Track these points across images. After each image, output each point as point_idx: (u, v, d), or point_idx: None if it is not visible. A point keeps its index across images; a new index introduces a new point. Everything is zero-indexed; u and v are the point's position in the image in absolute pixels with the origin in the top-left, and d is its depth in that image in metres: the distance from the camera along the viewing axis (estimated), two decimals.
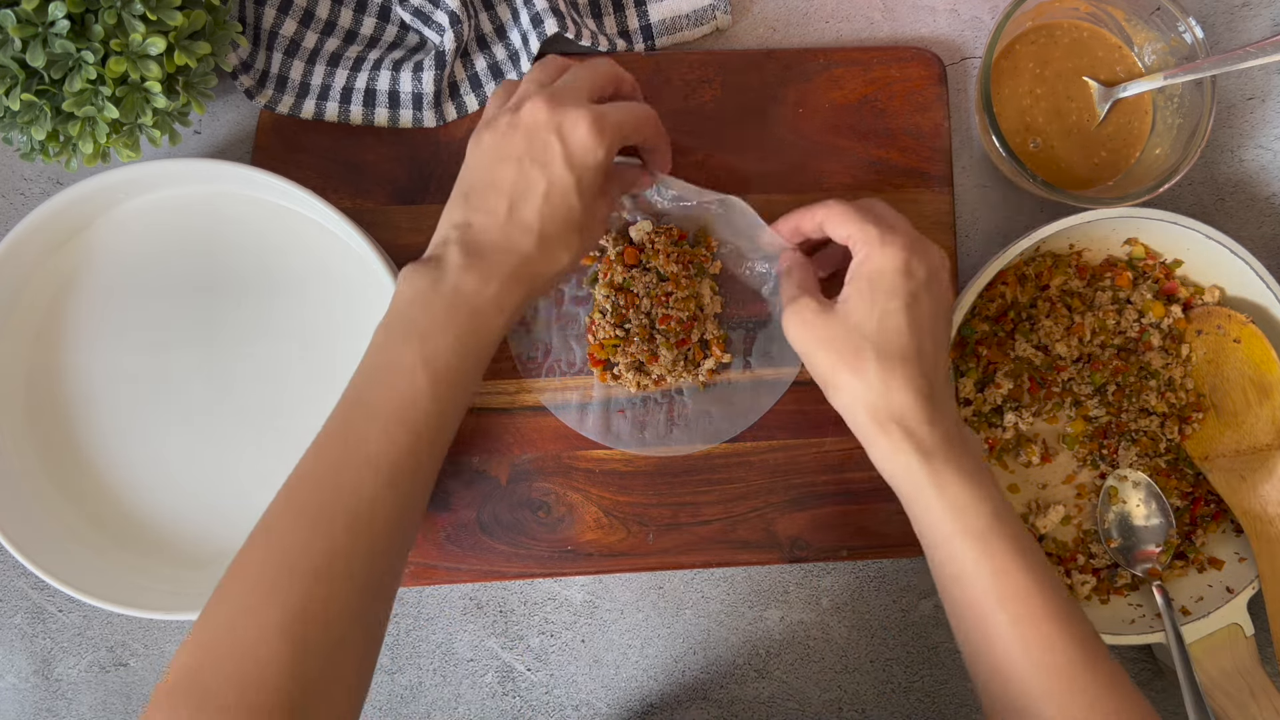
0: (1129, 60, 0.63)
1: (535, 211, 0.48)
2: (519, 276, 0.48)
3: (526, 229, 0.48)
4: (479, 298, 0.47)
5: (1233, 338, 0.60)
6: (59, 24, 0.49)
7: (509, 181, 0.49)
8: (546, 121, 0.48)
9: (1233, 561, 0.61)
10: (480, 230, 0.48)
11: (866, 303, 0.50)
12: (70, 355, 0.60)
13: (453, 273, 0.48)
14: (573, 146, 0.48)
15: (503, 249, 0.48)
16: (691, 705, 0.64)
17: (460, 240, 0.48)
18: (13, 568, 0.63)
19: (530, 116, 0.49)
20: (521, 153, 0.49)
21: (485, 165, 0.50)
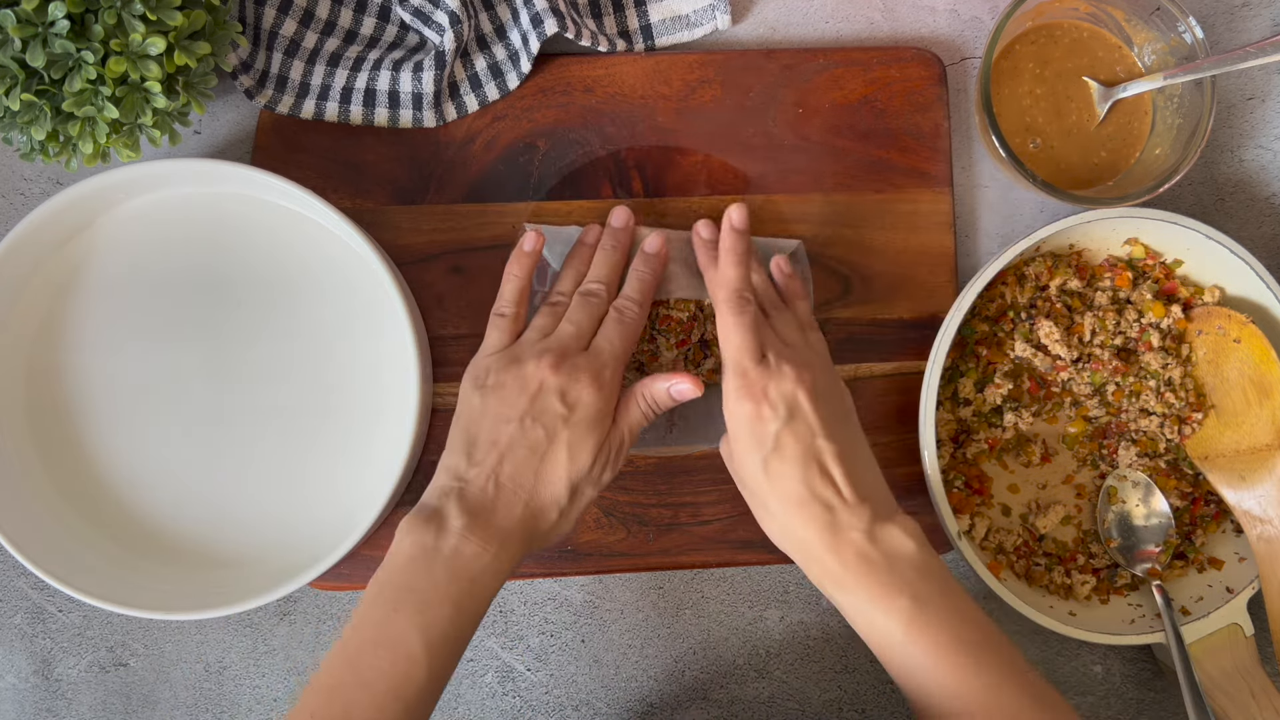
0: (1129, 60, 0.63)
1: (534, 474, 0.49)
2: (518, 539, 0.49)
3: (526, 489, 0.49)
4: (478, 564, 0.48)
5: (1233, 338, 0.60)
6: (59, 24, 0.49)
7: (509, 441, 0.49)
8: (551, 384, 0.50)
9: (1233, 561, 0.61)
10: (480, 490, 0.49)
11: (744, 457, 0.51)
12: (70, 355, 0.60)
13: (453, 535, 0.48)
14: (578, 411, 0.50)
15: (504, 512, 0.49)
16: (691, 705, 0.64)
17: (460, 497, 0.49)
18: (13, 568, 0.63)
19: (533, 377, 0.50)
20: (522, 411, 0.50)
21: (484, 419, 0.51)
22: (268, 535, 0.60)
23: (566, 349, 0.52)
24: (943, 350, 0.58)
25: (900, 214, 0.63)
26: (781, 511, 0.50)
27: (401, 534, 0.49)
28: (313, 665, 0.64)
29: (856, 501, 0.49)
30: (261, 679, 0.64)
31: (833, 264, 0.63)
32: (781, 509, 0.50)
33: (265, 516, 0.60)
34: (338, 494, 0.60)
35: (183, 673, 0.64)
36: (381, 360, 0.60)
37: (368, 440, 0.60)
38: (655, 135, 0.63)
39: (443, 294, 0.62)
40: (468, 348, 0.62)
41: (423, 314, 0.62)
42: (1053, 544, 0.63)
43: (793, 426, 0.50)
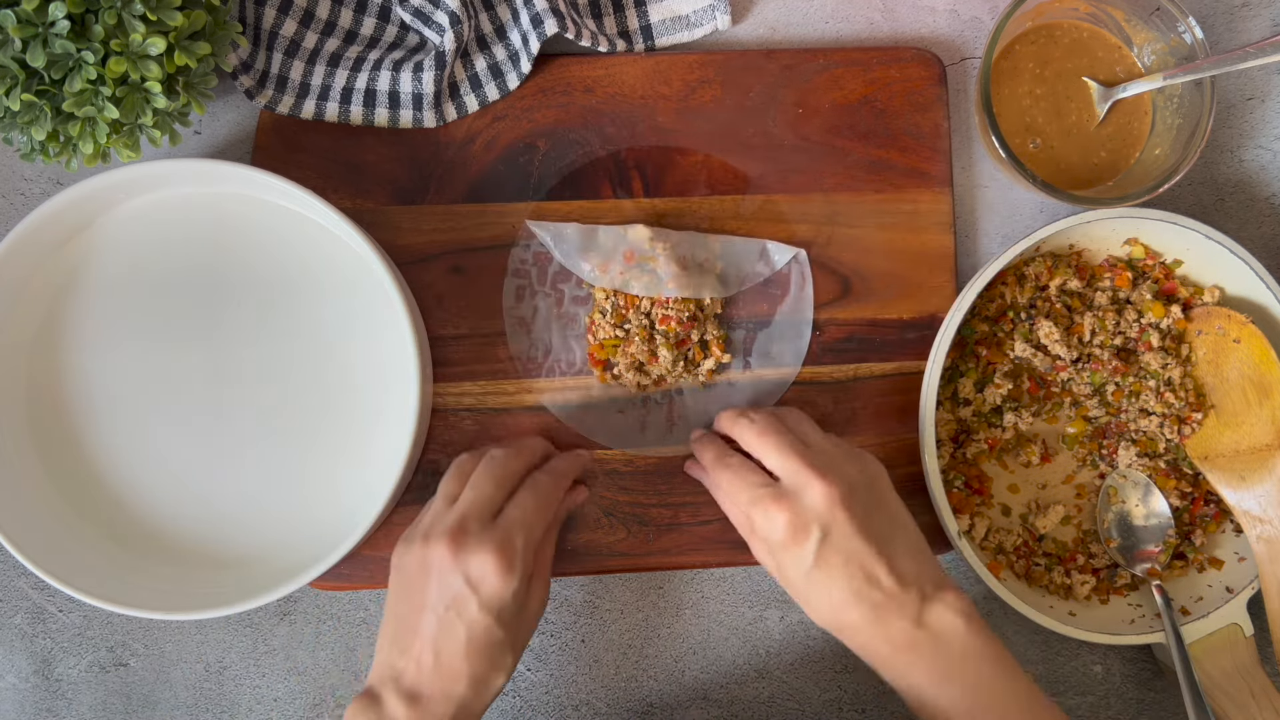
0: (1129, 60, 0.63)
1: (460, 657, 0.49)
2: (466, 713, 0.50)
3: (456, 675, 0.49)
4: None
5: (1233, 338, 0.60)
6: (59, 24, 0.49)
7: (429, 631, 0.50)
8: (453, 567, 0.49)
9: (1232, 561, 0.61)
10: (414, 680, 0.49)
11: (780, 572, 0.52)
12: (70, 355, 0.60)
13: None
14: (485, 591, 0.49)
15: (436, 697, 0.49)
16: (691, 705, 0.64)
17: (397, 686, 0.49)
18: (13, 568, 0.63)
19: (438, 560, 0.50)
20: (434, 600, 0.50)
21: (404, 604, 0.51)
22: (268, 535, 0.60)
23: (467, 521, 0.51)
24: (943, 350, 0.58)
25: (900, 214, 0.63)
26: (830, 613, 0.51)
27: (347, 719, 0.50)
28: (313, 665, 0.64)
29: (901, 590, 0.49)
30: (261, 679, 0.64)
31: (833, 264, 0.63)
32: (830, 612, 0.51)
33: (265, 516, 0.60)
34: (338, 494, 0.60)
35: (183, 673, 0.64)
36: (381, 360, 0.60)
37: (368, 440, 0.60)
38: (655, 135, 0.63)
39: (443, 294, 0.62)
40: (468, 348, 0.62)
41: (423, 314, 0.62)
42: (1053, 544, 0.63)
43: (830, 542, 0.50)
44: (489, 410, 0.62)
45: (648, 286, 0.60)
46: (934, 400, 0.58)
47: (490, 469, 0.54)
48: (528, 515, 0.52)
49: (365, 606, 0.64)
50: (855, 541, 0.50)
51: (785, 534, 0.50)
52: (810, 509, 0.50)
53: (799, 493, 0.51)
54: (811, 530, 0.50)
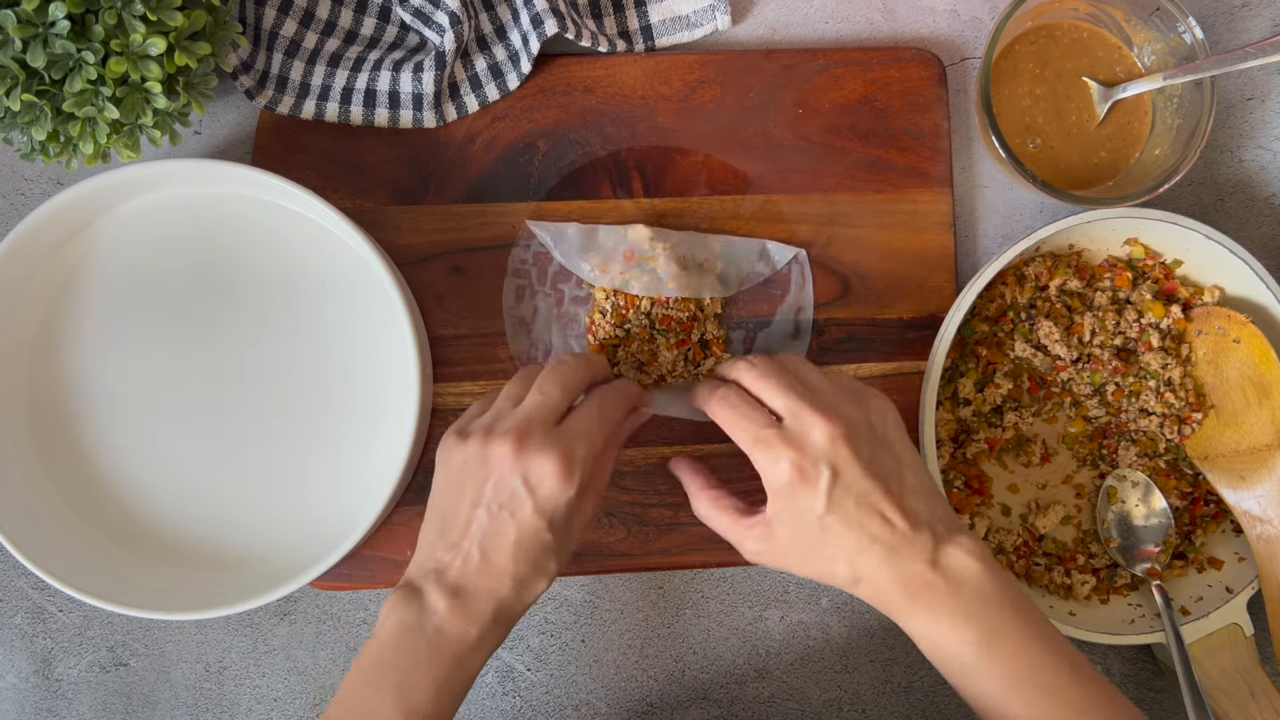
0: (1129, 60, 0.63)
1: (508, 557, 0.48)
2: (498, 618, 0.49)
3: (502, 574, 0.48)
4: (463, 644, 0.48)
5: (1233, 338, 0.60)
6: (59, 24, 0.49)
7: (479, 526, 0.49)
8: (513, 467, 0.48)
9: (1232, 561, 0.61)
10: (459, 573, 0.49)
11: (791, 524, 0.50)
12: (70, 355, 0.60)
13: (434, 614, 0.48)
14: (542, 494, 0.48)
15: (482, 594, 0.48)
16: (691, 705, 0.64)
17: (439, 579, 0.49)
18: (13, 568, 0.63)
19: (498, 459, 0.49)
20: (489, 495, 0.49)
21: (456, 500, 0.50)
22: (268, 535, 0.60)
23: (532, 425, 0.50)
24: (943, 350, 0.58)
25: (900, 214, 0.63)
26: (847, 564, 0.49)
27: (386, 611, 0.49)
28: (313, 665, 0.64)
29: (914, 532, 0.48)
30: (261, 679, 0.64)
31: (833, 264, 0.63)
32: (847, 563, 0.49)
33: (265, 516, 0.60)
34: (338, 494, 0.60)
35: (183, 673, 0.64)
36: (381, 360, 0.60)
37: (368, 440, 0.60)
38: (655, 135, 0.63)
39: (443, 294, 0.62)
40: (468, 348, 0.62)
41: (423, 314, 0.62)
42: (1052, 544, 0.63)
43: (841, 483, 0.49)
44: None
45: (648, 286, 0.60)
46: (934, 400, 0.58)
47: (558, 375, 0.52)
48: (592, 426, 0.51)
49: (365, 606, 0.64)
50: (865, 481, 0.48)
51: (793, 476, 0.48)
52: (816, 447, 0.49)
53: (804, 433, 0.49)
54: (821, 470, 0.48)
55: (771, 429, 0.50)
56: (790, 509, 0.49)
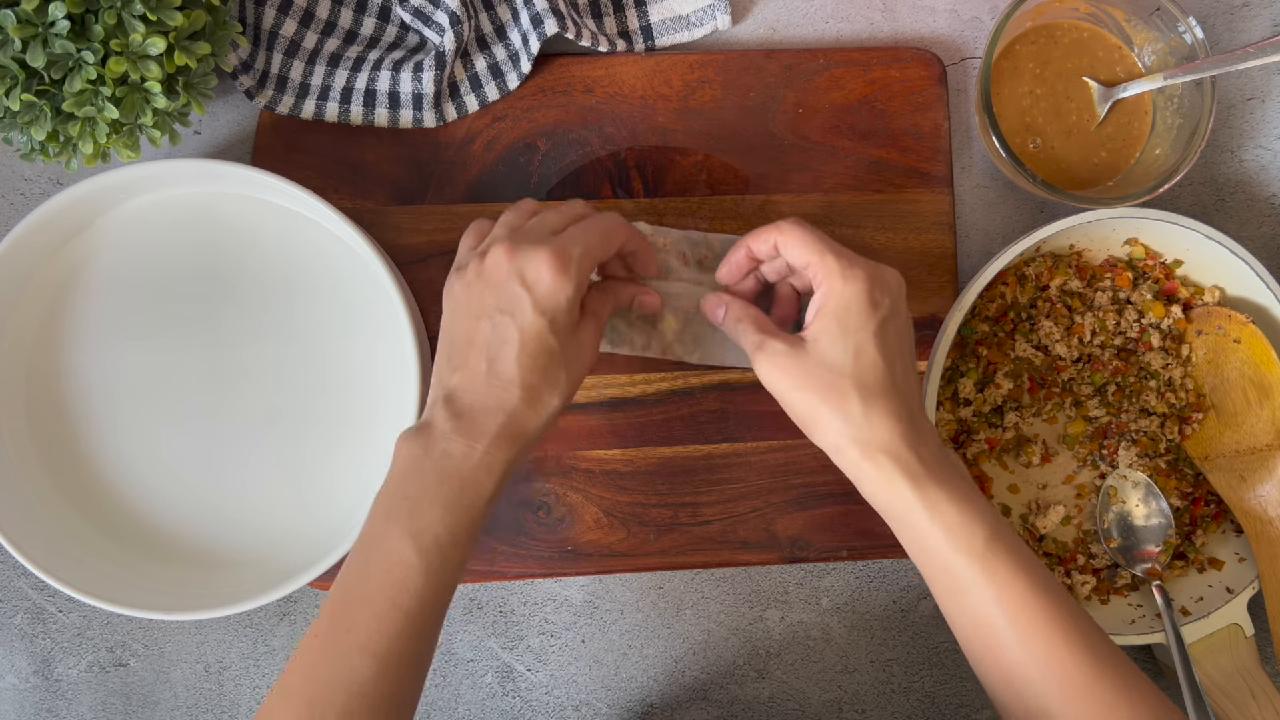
0: (1129, 60, 0.63)
1: (514, 363, 0.48)
2: (507, 434, 0.48)
3: (508, 382, 0.48)
4: (467, 462, 0.47)
5: (1233, 338, 0.60)
6: (59, 24, 0.49)
7: (483, 337, 0.48)
8: (508, 269, 0.48)
9: (1233, 562, 0.61)
10: (464, 391, 0.48)
11: (838, 339, 0.49)
12: (70, 355, 0.60)
13: (440, 439, 0.47)
14: (539, 291, 0.48)
15: (488, 408, 0.48)
16: (691, 705, 0.64)
17: (447, 402, 0.48)
18: (13, 568, 0.63)
19: (493, 266, 0.49)
20: (490, 305, 0.48)
21: (459, 320, 0.50)
22: (268, 535, 0.60)
23: (524, 232, 0.50)
24: (943, 350, 0.58)
25: (900, 214, 0.63)
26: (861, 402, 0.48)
27: (397, 448, 0.49)
28: None
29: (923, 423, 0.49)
30: (261, 679, 0.64)
31: None
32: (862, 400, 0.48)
33: (265, 517, 0.60)
34: (337, 494, 0.60)
35: (183, 673, 0.64)
36: (381, 360, 0.60)
37: (368, 440, 0.60)
38: (655, 135, 0.63)
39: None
40: None
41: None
42: (1053, 544, 0.63)
43: (895, 319, 0.50)
44: None
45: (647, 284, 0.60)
46: (934, 400, 0.58)
47: (560, 208, 0.52)
48: (587, 236, 0.50)
49: None
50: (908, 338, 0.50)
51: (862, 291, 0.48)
52: (887, 282, 0.50)
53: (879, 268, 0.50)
54: (884, 301, 0.49)
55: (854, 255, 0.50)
56: (839, 326, 0.49)
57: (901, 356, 0.50)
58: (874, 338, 0.49)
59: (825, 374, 0.49)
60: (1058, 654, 0.46)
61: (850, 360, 0.48)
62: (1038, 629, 0.46)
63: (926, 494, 0.47)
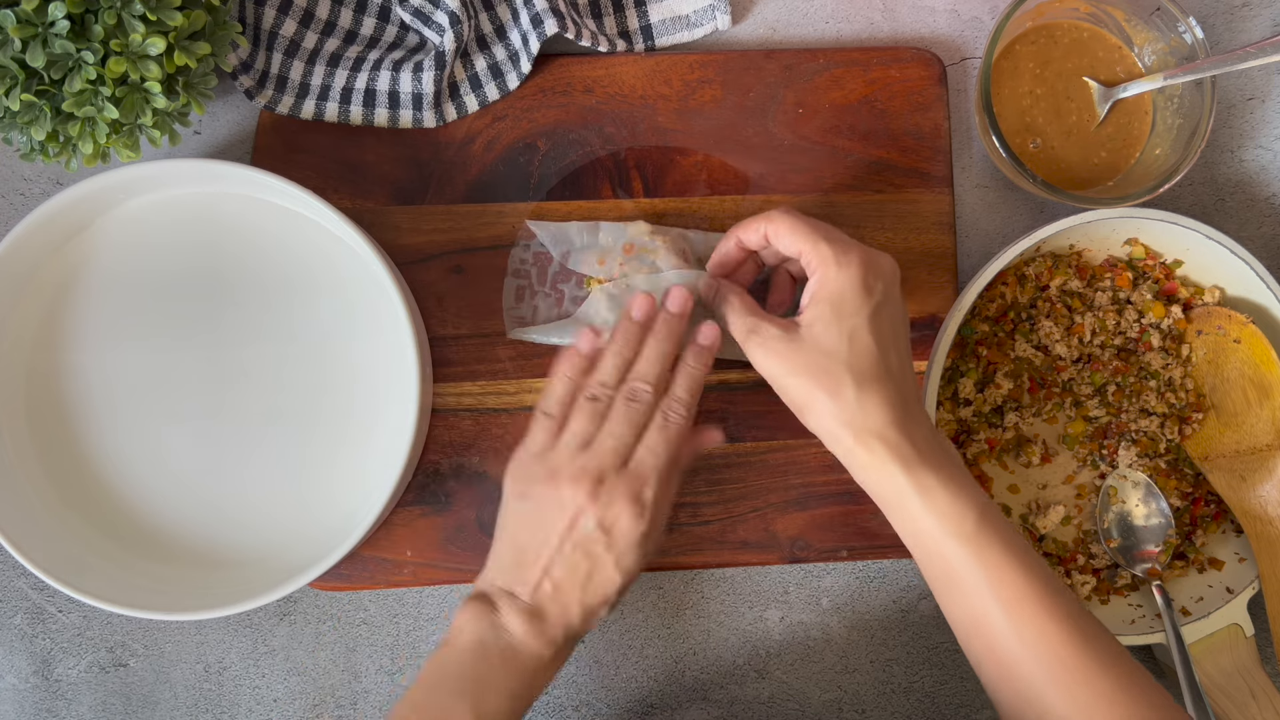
0: (1129, 60, 0.63)
1: (582, 592, 0.51)
2: (569, 640, 0.51)
3: (573, 605, 0.51)
4: (537, 662, 0.50)
5: (1233, 338, 0.60)
6: (59, 24, 0.49)
7: (555, 566, 0.51)
8: (588, 513, 0.50)
9: (1233, 562, 0.61)
10: (532, 599, 0.51)
11: (832, 325, 0.50)
12: (70, 355, 0.60)
13: (511, 636, 0.50)
14: (615, 536, 0.51)
15: (557, 618, 0.51)
16: (691, 705, 0.64)
17: (513, 600, 0.51)
18: (13, 568, 0.63)
19: (573, 504, 0.50)
20: (562, 538, 0.51)
21: (528, 532, 0.52)
22: (268, 535, 0.60)
23: (604, 469, 0.51)
24: (943, 350, 0.58)
25: (900, 214, 0.63)
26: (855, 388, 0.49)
27: (461, 623, 0.51)
28: (313, 665, 0.64)
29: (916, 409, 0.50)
30: (261, 679, 0.64)
31: None
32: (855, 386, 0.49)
33: (265, 517, 0.60)
34: (337, 494, 0.60)
35: (183, 673, 0.64)
36: (381, 360, 0.60)
37: (368, 440, 0.60)
38: (655, 135, 0.63)
39: (443, 294, 0.62)
40: (468, 348, 0.62)
41: (423, 314, 0.62)
42: (1053, 544, 0.63)
43: (889, 305, 0.51)
44: (489, 410, 0.62)
45: (648, 279, 0.60)
46: (934, 400, 0.58)
47: (628, 415, 0.53)
48: (659, 462, 0.52)
49: (365, 607, 0.64)
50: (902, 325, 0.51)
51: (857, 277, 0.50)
52: (881, 268, 0.51)
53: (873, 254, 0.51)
54: (878, 286, 0.50)
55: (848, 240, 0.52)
56: (833, 312, 0.50)
57: (896, 342, 0.51)
58: (868, 324, 0.50)
59: (820, 359, 0.50)
60: (1048, 638, 0.46)
61: (845, 346, 0.49)
62: (1030, 614, 0.47)
63: (918, 478, 0.48)
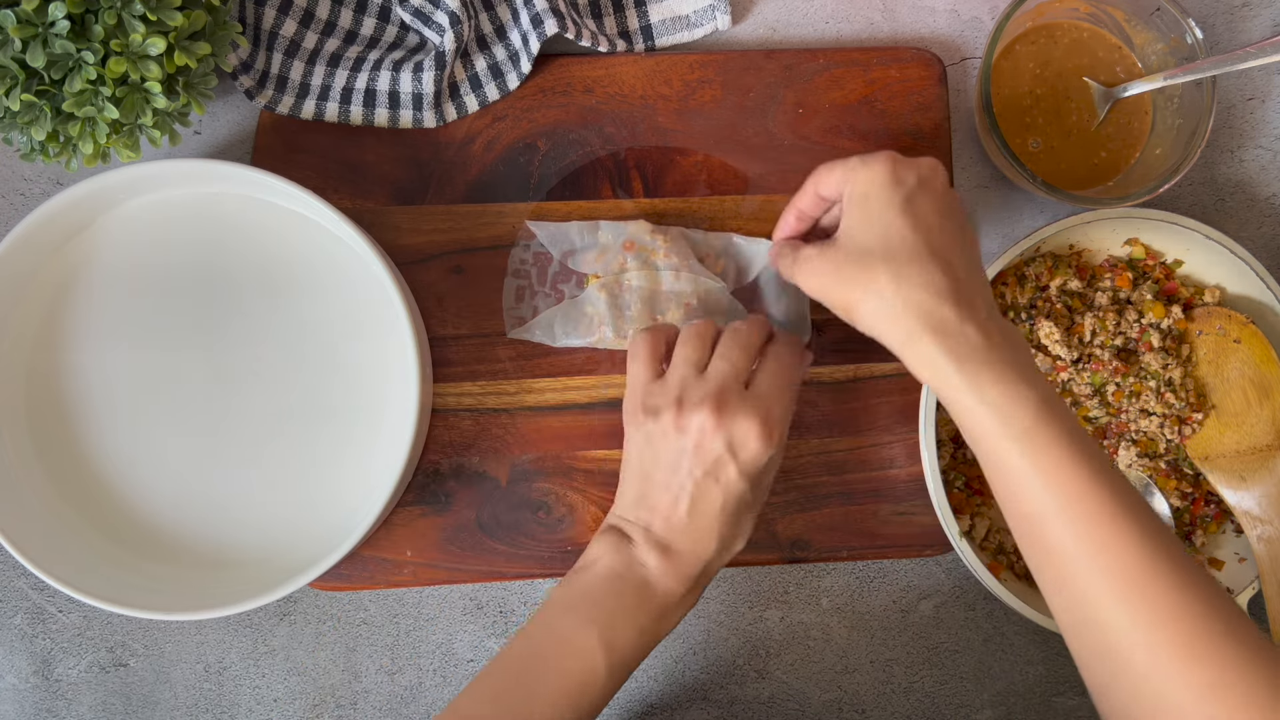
0: (1129, 60, 0.63)
1: (715, 520, 0.50)
2: (703, 579, 0.51)
3: (707, 535, 0.50)
4: (669, 599, 0.50)
5: (1233, 338, 0.60)
6: (59, 24, 0.49)
7: (686, 493, 0.50)
8: (715, 435, 0.49)
9: (1233, 562, 0.61)
10: (665, 532, 0.50)
11: (862, 222, 0.48)
12: (70, 355, 0.60)
13: (644, 567, 0.50)
14: (744, 457, 0.50)
15: (687, 553, 0.50)
16: (691, 706, 0.64)
17: (648, 534, 0.51)
18: (13, 568, 0.63)
19: (698, 429, 0.50)
20: (693, 463, 0.50)
21: (655, 467, 0.51)
22: (268, 535, 0.60)
23: (727, 390, 0.50)
24: None
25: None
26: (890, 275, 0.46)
27: (596, 553, 0.51)
28: (313, 665, 0.64)
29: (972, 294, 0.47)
30: (261, 679, 0.64)
31: None
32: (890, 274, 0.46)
33: (265, 516, 0.60)
34: (338, 494, 0.60)
35: (183, 673, 0.64)
36: (381, 360, 0.60)
37: (368, 440, 0.60)
38: (655, 135, 0.63)
39: (443, 294, 0.62)
40: (468, 348, 0.62)
41: (423, 314, 0.62)
42: None
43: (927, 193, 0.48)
44: (489, 410, 0.62)
45: (648, 279, 0.60)
46: (934, 400, 0.58)
47: (737, 339, 0.53)
48: (779, 384, 0.52)
49: (365, 607, 0.64)
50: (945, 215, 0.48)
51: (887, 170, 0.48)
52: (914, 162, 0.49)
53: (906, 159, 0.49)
54: (912, 174, 0.48)
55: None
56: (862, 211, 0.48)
57: (941, 227, 0.47)
58: (901, 214, 0.47)
59: (855, 259, 0.48)
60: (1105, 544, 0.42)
61: (878, 240, 0.47)
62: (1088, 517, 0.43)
63: (970, 374, 0.45)
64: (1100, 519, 0.43)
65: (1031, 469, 0.44)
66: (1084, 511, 0.43)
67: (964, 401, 0.45)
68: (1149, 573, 0.42)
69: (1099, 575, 0.43)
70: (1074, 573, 0.43)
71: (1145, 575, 0.42)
